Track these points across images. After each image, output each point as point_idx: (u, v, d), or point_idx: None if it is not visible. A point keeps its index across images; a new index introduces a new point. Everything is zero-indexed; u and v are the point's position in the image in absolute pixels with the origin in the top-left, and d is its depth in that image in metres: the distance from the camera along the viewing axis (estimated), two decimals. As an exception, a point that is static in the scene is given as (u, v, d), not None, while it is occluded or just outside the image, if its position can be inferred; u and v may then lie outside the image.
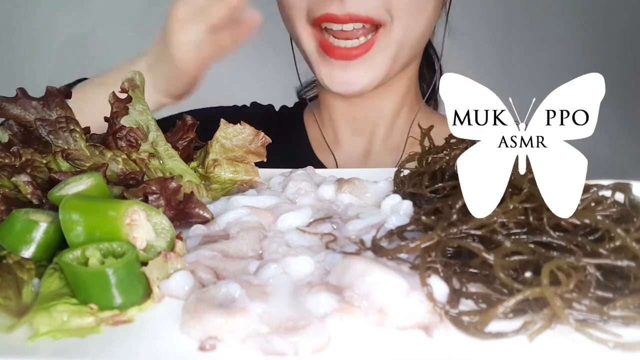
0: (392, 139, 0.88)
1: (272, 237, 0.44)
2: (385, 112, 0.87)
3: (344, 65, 0.76)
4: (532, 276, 0.35)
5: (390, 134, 0.88)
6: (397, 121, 0.88)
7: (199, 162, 0.59)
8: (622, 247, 0.36)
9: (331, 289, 0.35)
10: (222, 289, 0.36)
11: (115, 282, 0.35)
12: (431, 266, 0.37)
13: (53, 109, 0.51)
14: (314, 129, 0.92)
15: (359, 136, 0.89)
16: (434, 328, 0.34)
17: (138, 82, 0.55)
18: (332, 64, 0.76)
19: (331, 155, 0.89)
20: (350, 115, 0.88)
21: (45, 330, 0.33)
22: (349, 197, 0.52)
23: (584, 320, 0.34)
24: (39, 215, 0.40)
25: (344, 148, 0.90)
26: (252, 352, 0.32)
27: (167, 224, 0.41)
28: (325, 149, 0.90)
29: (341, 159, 0.88)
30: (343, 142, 0.90)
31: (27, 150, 0.48)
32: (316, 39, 0.77)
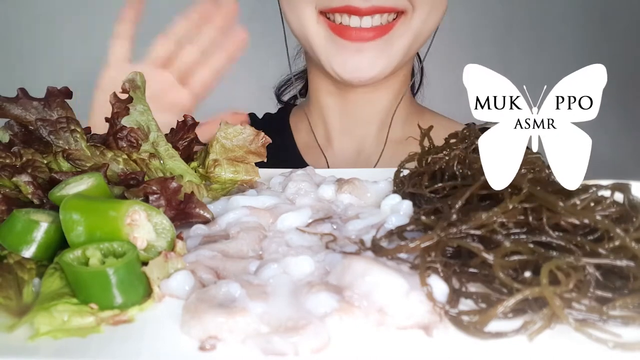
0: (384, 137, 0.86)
1: (272, 237, 0.44)
2: (379, 109, 0.85)
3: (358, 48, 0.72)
4: (532, 276, 0.35)
5: (382, 132, 0.86)
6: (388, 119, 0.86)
7: (199, 162, 0.59)
8: (621, 247, 0.36)
9: (331, 289, 0.35)
10: (223, 288, 0.36)
11: (115, 282, 0.35)
12: (431, 266, 0.37)
13: (54, 109, 0.51)
14: (302, 132, 0.90)
15: (351, 135, 0.87)
16: (433, 328, 0.34)
17: (139, 82, 0.55)
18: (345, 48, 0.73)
19: (321, 156, 0.87)
20: (343, 111, 0.86)
21: (46, 330, 0.33)
22: (349, 198, 0.52)
23: (583, 320, 0.34)
24: (40, 215, 0.40)
25: (335, 148, 0.88)
26: (252, 352, 0.32)
27: (167, 223, 0.41)
28: (314, 152, 0.88)
29: (332, 159, 0.86)
30: (335, 142, 0.88)
31: (28, 151, 0.48)
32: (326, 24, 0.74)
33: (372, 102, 0.84)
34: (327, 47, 0.75)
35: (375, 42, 0.73)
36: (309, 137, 0.89)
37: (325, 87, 0.85)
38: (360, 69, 0.74)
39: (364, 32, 0.72)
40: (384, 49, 0.74)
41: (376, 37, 0.73)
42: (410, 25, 0.74)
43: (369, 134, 0.87)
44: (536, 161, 0.50)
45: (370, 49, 0.73)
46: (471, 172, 0.48)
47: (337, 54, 0.74)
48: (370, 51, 0.73)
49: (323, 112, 0.88)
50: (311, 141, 0.89)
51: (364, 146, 0.87)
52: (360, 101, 0.84)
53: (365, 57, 0.73)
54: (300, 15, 0.75)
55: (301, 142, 0.90)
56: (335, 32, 0.73)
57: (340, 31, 0.73)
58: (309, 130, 0.90)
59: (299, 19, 0.76)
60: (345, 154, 0.87)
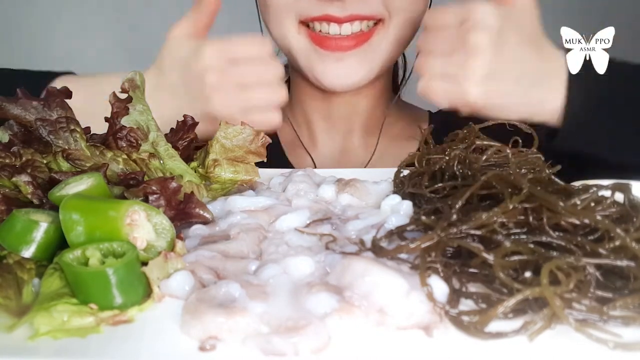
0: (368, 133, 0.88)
1: (272, 237, 0.44)
2: (362, 109, 0.86)
3: (338, 57, 0.74)
4: (532, 276, 0.35)
5: (366, 130, 0.88)
6: (373, 117, 0.87)
7: (199, 162, 0.59)
8: (621, 247, 0.36)
9: (331, 289, 0.35)
10: (222, 288, 0.36)
11: (115, 282, 0.35)
12: (431, 266, 0.37)
13: (53, 109, 0.51)
14: (284, 131, 0.90)
15: (335, 134, 0.88)
16: (434, 328, 0.34)
17: (138, 82, 0.55)
18: (326, 57, 0.75)
19: (306, 156, 0.88)
20: (327, 113, 0.87)
21: (46, 330, 0.33)
22: (350, 198, 0.52)
23: (583, 320, 0.34)
24: (40, 215, 0.40)
25: (320, 147, 0.89)
26: (252, 352, 0.32)
27: (167, 224, 0.41)
28: (299, 151, 0.89)
29: (318, 159, 0.87)
30: (319, 142, 0.89)
31: (27, 151, 0.48)
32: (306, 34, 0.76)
33: (356, 103, 0.86)
34: (308, 57, 0.77)
35: (355, 51, 0.75)
36: (293, 137, 0.90)
37: (308, 91, 0.87)
38: (342, 76, 0.76)
39: (344, 40, 0.74)
40: (364, 57, 0.76)
41: (356, 46, 0.74)
42: (388, 32, 0.75)
43: (353, 133, 0.88)
44: (536, 161, 0.50)
45: (351, 58, 0.75)
46: (471, 172, 0.48)
47: (319, 63, 0.76)
48: (351, 59, 0.75)
49: (306, 114, 0.89)
50: (295, 140, 0.90)
51: (349, 145, 0.88)
52: (343, 103, 0.85)
53: (347, 65, 0.75)
54: (282, 27, 0.77)
55: (284, 141, 0.91)
56: (316, 43, 0.75)
57: (320, 41, 0.75)
58: (291, 129, 0.91)
59: (280, 31, 0.77)
60: (330, 154, 0.88)
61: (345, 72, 0.75)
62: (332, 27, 0.73)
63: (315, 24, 0.75)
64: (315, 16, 0.73)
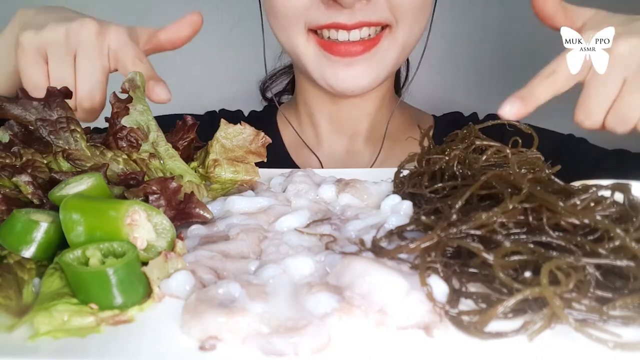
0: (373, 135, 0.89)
1: (272, 238, 0.44)
2: (368, 111, 0.88)
3: (348, 62, 0.75)
4: (532, 276, 0.35)
5: (371, 133, 0.89)
6: (378, 119, 0.89)
7: (199, 162, 0.59)
8: (621, 247, 0.36)
9: (331, 289, 0.35)
10: (223, 288, 0.36)
11: (115, 282, 0.35)
12: (431, 266, 0.37)
13: (54, 109, 0.51)
14: (289, 131, 0.92)
15: (341, 135, 0.89)
16: (434, 328, 0.34)
17: (139, 82, 0.55)
18: (336, 62, 0.76)
19: (311, 156, 0.89)
20: (333, 114, 0.88)
21: (46, 330, 0.33)
22: (350, 199, 0.52)
23: (583, 320, 0.34)
24: (40, 215, 0.40)
25: (325, 149, 0.90)
26: (252, 352, 0.32)
27: (167, 224, 0.41)
28: (304, 151, 0.90)
29: (323, 159, 0.88)
30: (325, 142, 0.90)
31: (27, 151, 0.48)
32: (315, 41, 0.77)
33: (362, 105, 0.87)
34: (318, 63, 0.78)
35: (364, 56, 0.76)
36: (297, 137, 0.91)
37: (314, 94, 0.88)
38: (353, 80, 0.77)
39: (353, 46, 0.75)
40: (372, 62, 0.77)
41: (365, 51, 0.76)
42: (396, 38, 0.77)
43: (358, 135, 0.89)
44: (536, 161, 0.50)
45: (360, 62, 0.76)
46: (471, 172, 0.48)
47: (329, 68, 0.77)
48: (361, 64, 0.76)
49: (312, 115, 0.90)
50: (300, 141, 0.91)
51: (354, 147, 0.89)
52: (350, 105, 0.87)
53: (357, 69, 0.76)
54: (290, 35, 0.78)
55: (289, 141, 0.92)
56: (325, 49, 0.76)
57: (329, 48, 0.76)
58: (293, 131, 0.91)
59: (289, 38, 0.78)
60: (336, 154, 0.89)
61: (356, 76, 0.76)
62: (341, 34, 0.75)
63: (324, 31, 0.76)
64: (324, 24, 0.74)
